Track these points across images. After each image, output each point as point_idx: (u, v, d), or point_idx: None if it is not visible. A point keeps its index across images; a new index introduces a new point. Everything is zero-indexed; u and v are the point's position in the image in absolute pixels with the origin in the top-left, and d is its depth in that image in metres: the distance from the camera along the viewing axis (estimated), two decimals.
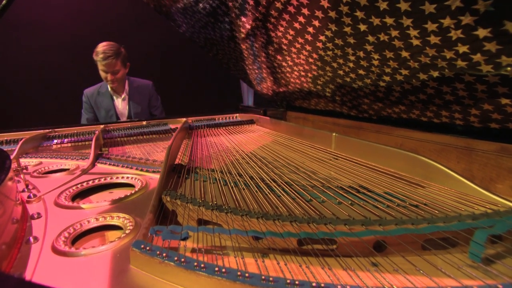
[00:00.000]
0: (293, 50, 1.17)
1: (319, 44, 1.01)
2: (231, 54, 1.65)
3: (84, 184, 0.99)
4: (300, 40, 1.08)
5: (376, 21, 0.75)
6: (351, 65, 0.99)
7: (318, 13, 0.89)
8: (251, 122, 1.95)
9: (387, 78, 0.91)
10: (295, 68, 1.29)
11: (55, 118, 3.55)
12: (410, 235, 0.58)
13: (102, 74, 2.47)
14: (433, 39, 0.68)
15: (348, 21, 0.83)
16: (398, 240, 0.58)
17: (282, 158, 1.17)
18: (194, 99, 4.22)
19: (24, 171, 1.17)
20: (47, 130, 1.87)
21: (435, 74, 0.76)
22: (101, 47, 2.40)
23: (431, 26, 0.66)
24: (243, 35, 1.35)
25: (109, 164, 1.20)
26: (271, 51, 1.30)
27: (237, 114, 2.20)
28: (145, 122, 2.07)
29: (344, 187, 0.84)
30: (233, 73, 2.00)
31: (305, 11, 0.92)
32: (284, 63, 1.33)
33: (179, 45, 4.01)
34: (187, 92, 4.23)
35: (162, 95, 2.83)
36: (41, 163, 1.31)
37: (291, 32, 1.08)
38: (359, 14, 0.77)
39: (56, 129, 1.93)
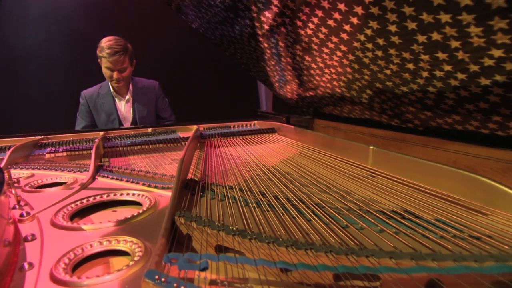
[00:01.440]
0: (325, 50, 1.18)
1: (357, 44, 1.01)
2: (251, 53, 1.67)
3: (84, 201, 1.01)
4: (334, 39, 1.08)
5: (428, 18, 0.75)
6: (394, 68, 0.98)
7: (358, 9, 0.89)
8: (272, 131, 1.95)
9: (438, 84, 0.90)
10: (326, 70, 1.29)
11: (48, 123, 3.65)
12: (472, 274, 0.56)
13: (107, 72, 2.46)
14: (501, 38, 0.67)
15: (393, 18, 0.82)
16: (457, 280, 0.56)
17: (310, 174, 1.17)
18: (205, 103, 4.25)
19: (16, 184, 1.19)
20: (39, 137, 1.91)
21: (502, 79, 0.75)
22: (107, 41, 2.40)
23: (499, 23, 0.65)
24: (266, 33, 1.37)
25: (111, 178, 1.22)
26: (299, 51, 1.31)
27: (255, 121, 2.21)
28: (150, 129, 2.10)
29: (386, 212, 0.83)
30: (252, 74, 2.02)
31: (341, 6, 0.93)
32: (313, 65, 1.33)
33: (189, 42, 4.07)
34: (197, 95, 4.26)
35: (169, 99, 2.87)
36: (33, 175, 1.34)
37: (324, 30, 1.08)
38: (407, 10, 0.77)
39: (49, 136, 1.97)
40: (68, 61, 3.80)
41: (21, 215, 0.89)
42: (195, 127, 2.06)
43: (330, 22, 1.02)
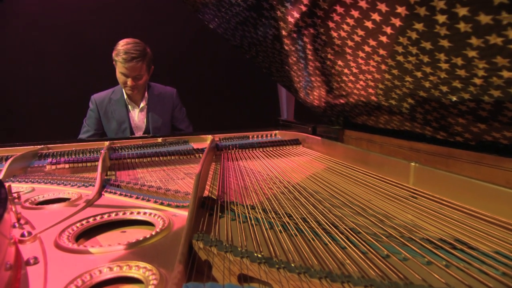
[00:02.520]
0: (361, 54, 1.17)
1: (398, 48, 1.01)
2: (275, 56, 1.68)
3: (91, 220, 1.01)
4: (372, 42, 1.08)
5: (485, 19, 0.74)
6: (442, 75, 0.97)
7: (401, 10, 0.89)
8: (296, 142, 1.95)
9: (495, 93, 0.88)
10: (360, 76, 1.29)
11: (48, 131, 3.72)
12: None
13: (121, 77, 2.46)
14: None
15: (443, 19, 0.82)
16: None
17: (341, 193, 1.15)
18: (220, 110, 4.26)
19: (16, 200, 1.20)
20: (39, 147, 1.95)
21: None
22: (124, 45, 2.39)
23: None
24: (293, 34, 1.37)
25: (120, 194, 1.23)
26: (330, 54, 1.31)
27: (277, 131, 2.21)
28: (160, 139, 2.12)
29: (433, 240, 0.80)
30: (274, 79, 2.02)
31: (382, 7, 0.93)
32: (346, 70, 1.33)
33: (202, 43, 4.11)
34: (211, 101, 4.28)
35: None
36: (33, 189, 1.35)
37: (360, 33, 1.08)
38: (460, 10, 0.76)
39: (49, 145, 2.01)
40: (71, 64, 3.89)
41: (22, 235, 0.89)
42: (210, 137, 2.07)
43: (368, 23, 1.02)
